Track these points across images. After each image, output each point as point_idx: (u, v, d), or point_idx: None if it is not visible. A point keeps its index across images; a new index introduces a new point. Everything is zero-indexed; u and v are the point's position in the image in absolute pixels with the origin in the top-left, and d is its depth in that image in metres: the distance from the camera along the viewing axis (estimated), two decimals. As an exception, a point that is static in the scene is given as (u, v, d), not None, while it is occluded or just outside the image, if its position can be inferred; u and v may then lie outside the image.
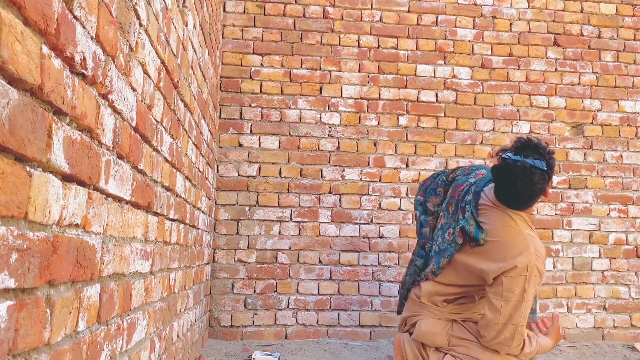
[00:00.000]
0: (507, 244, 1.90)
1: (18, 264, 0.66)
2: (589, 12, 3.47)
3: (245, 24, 3.19)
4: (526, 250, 1.86)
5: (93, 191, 0.95)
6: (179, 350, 1.94)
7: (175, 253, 1.79)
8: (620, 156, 3.37)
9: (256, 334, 2.95)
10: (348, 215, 3.11)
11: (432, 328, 2.06)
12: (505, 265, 1.85)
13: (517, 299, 1.84)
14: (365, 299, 3.05)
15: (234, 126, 3.11)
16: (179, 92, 1.75)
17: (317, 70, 3.20)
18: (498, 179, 1.90)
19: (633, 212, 3.33)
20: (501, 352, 1.94)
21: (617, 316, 3.22)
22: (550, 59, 3.40)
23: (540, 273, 1.86)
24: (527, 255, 1.85)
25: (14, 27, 0.63)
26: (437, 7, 3.34)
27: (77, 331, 0.89)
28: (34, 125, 0.70)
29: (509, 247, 1.89)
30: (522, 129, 3.32)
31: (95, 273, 0.97)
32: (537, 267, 1.85)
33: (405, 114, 3.24)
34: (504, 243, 1.90)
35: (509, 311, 1.85)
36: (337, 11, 3.26)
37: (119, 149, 1.09)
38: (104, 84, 0.98)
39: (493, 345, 1.93)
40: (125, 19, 1.10)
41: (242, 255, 3.01)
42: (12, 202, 0.64)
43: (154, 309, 1.48)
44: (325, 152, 3.15)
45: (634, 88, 3.44)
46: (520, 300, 1.84)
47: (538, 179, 1.81)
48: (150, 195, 1.37)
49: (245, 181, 3.07)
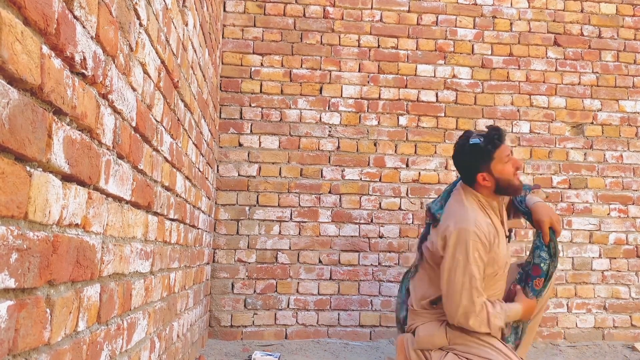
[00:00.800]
0: (447, 215, 2.10)
1: (18, 263, 0.66)
2: (589, 12, 3.47)
3: (246, 23, 3.19)
4: (459, 217, 2.02)
5: (93, 191, 0.95)
6: (179, 350, 1.94)
7: (175, 253, 1.79)
8: (620, 156, 3.37)
9: (256, 334, 2.96)
10: (348, 215, 3.11)
11: (428, 331, 2.12)
12: (444, 233, 2.04)
13: (462, 264, 1.96)
14: (366, 299, 3.05)
15: (234, 126, 3.11)
16: (179, 92, 1.75)
17: (317, 70, 3.20)
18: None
19: (633, 212, 3.33)
20: (471, 326, 1.96)
21: (617, 316, 3.22)
22: (551, 58, 3.40)
23: (479, 237, 1.97)
24: (459, 222, 2.00)
25: (14, 27, 0.63)
26: (437, 7, 3.34)
27: (77, 331, 0.89)
28: (34, 125, 0.70)
29: (447, 217, 2.09)
30: (522, 128, 3.32)
31: (95, 273, 0.97)
32: (474, 232, 1.97)
33: (405, 113, 3.24)
34: (446, 215, 2.11)
35: (460, 277, 1.95)
36: (337, 11, 3.26)
37: (119, 149, 1.09)
38: (104, 83, 0.98)
39: (460, 321, 1.98)
40: (126, 18, 1.10)
41: (242, 255, 3.01)
42: (12, 202, 0.64)
43: (154, 309, 1.48)
44: (325, 152, 3.15)
45: (634, 88, 3.44)
46: (466, 264, 1.95)
47: (467, 150, 2.11)
48: (150, 195, 1.37)
49: (245, 181, 3.07)
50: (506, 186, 2.10)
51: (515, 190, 2.13)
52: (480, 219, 2.05)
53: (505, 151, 2.09)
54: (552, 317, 3.17)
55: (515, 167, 2.09)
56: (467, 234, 1.97)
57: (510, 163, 2.09)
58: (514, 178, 2.09)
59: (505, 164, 2.08)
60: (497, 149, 2.08)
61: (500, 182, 2.09)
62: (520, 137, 3.31)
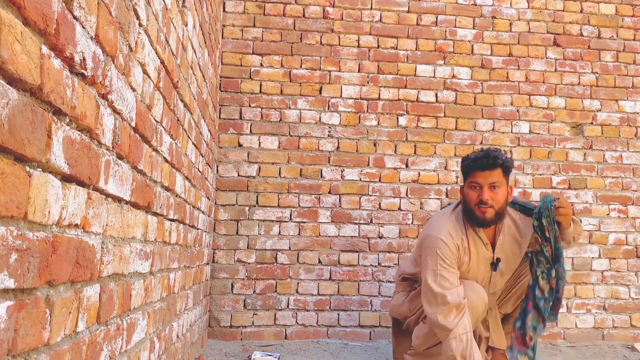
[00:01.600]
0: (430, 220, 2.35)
1: (18, 264, 0.66)
2: (589, 12, 3.47)
3: (245, 24, 3.19)
4: (434, 225, 2.19)
5: (93, 191, 0.95)
6: (179, 350, 1.94)
7: (174, 253, 1.79)
8: (620, 156, 3.37)
9: (256, 334, 2.95)
10: (348, 216, 3.11)
11: (396, 301, 2.44)
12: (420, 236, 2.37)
13: (431, 267, 2.08)
14: (365, 299, 3.05)
15: (233, 126, 3.11)
16: (178, 92, 1.75)
17: (317, 71, 3.20)
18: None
19: (633, 212, 3.33)
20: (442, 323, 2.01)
21: (617, 316, 3.22)
22: (550, 59, 3.40)
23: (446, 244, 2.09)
24: (432, 229, 2.17)
25: (14, 27, 0.63)
26: (437, 7, 3.34)
27: (77, 331, 0.89)
28: (34, 126, 0.70)
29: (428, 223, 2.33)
30: (522, 129, 3.32)
31: (94, 273, 0.97)
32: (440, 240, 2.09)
33: (405, 114, 3.24)
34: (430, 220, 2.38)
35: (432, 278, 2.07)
36: (337, 11, 3.26)
37: (118, 149, 1.09)
38: (103, 84, 0.98)
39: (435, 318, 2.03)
40: (125, 19, 1.10)
41: (242, 256, 3.01)
42: (11, 202, 0.64)
43: (153, 309, 1.48)
44: (325, 152, 3.15)
45: (633, 88, 3.44)
46: (434, 269, 2.07)
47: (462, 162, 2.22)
48: (149, 195, 1.37)
49: (245, 181, 3.07)
50: (466, 210, 2.13)
51: (475, 219, 2.11)
52: (454, 232, 2.12)
53: (476, 177, 2.08)
54: (552, 317, 3.17)
55: (479, 199, 2.06)
56: (434, 241, 2.11)
57: (476, 193, 2.08)
58: (474, 207, 2.08)
59: (471, 189, 2.10)
60: (473, 172, 2.10)
61: (464, 203, 2.15)
62: (520, 138, 3.31)
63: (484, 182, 2.07)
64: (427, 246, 2.13)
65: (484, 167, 2.06)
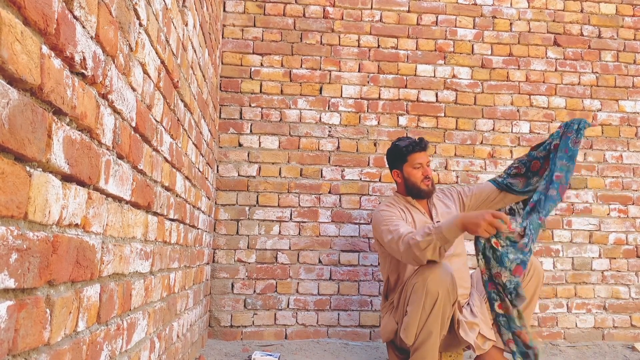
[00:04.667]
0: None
1: (18, 264, 0.66)
2: (589, 12, 3.47)
3: (245, 23, 3.19)
4: (377, 208, 2.51)
5: (93, 191, 0.95)
6: (179, 350, 1.94)
7: (175, 253, 1.79)
8: (620, 156, 3.37)
9: (256, 334, 2.95)
10: (348, 215, 3.11)
11: (384, 323, 2.50)
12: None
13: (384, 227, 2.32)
14: (365, 299, 3.05)
15: (234, 126, 3.11)
16: (178, 92, 1.75)
17: (317, 70, 3.20)
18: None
19: (633, 212, 3.33)
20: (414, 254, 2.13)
21: (617, 316, 3.22)
22: (550, 59, 3.40)
23: (388, 209, 2.42)
24: (376, 211, 2.48)
25: (14, 27, 0.63)
26: (437, 7, 3.34)
27: (77, 331, 0.89)
28: (34, 125, 0.70)
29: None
30: (522, 129, 3.32)
31: (95, 273, 0.97)
32: (383, 209, 2.42)
33: (405, 114, 3.24)
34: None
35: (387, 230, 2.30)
36: (337, 11, 3.26)
37: (118, 149, 1.09)
38: (103, 84, 0.98)
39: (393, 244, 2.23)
40: (125, 18, 1.10)
41: (242, 255, 3.01)
42: (12, 202, 0.64)
43: (153, 309, 1.48)
44: (325, 152, 3.15)
45: (634, 88, 3.44)
46: (387, 226, 2.31)
47: (391, 149, 2.55)
48: (150, 195, 1.37)
49: (245, 181, 3.07)
50: (412, 187, 2.47)
51: (421, 192, 2.47)
52: (393, 203, 2.49)
53: (418, 158, 2.44)
54: (552, 317, 3.17)
55: (424, 175, 2.44)
56: (378, 214, 2.42)
57: (421, 171, 2.45)
58: (420, 183, 2.45)
59: (415, 169, 2.45)
60: (411, 154, 2.44)
61: (408, 182, 2.48)
62: (520, 137, 3.31)
63: (424, 161, 2.46)
64: (375, 223, 2.40)
65: (423, 149, 2.46)
